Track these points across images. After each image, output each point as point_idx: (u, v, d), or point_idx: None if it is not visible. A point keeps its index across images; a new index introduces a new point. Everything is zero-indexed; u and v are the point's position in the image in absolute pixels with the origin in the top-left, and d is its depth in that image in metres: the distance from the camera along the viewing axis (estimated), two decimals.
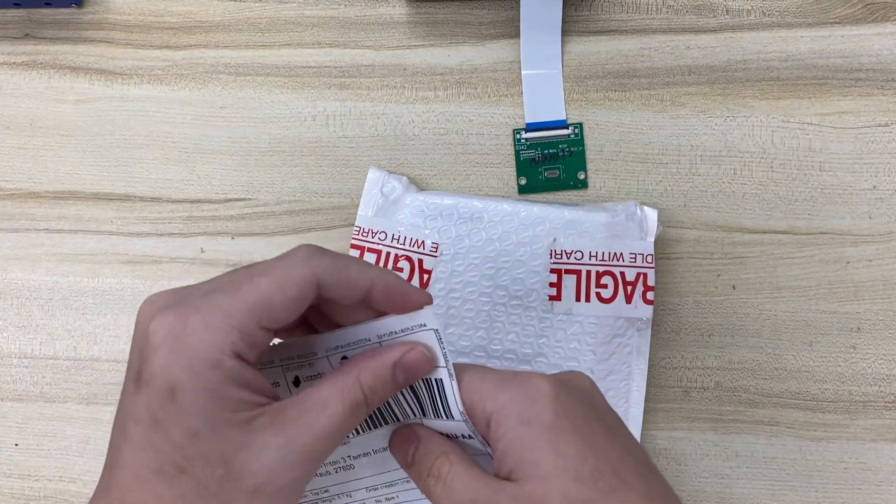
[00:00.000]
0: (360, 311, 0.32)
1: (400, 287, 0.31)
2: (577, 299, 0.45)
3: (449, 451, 0.32)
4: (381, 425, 0.33)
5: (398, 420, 0.33)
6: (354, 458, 0.34)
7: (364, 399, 0.30)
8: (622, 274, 0.45)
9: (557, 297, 0.45)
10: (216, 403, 0.28)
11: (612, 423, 0.32)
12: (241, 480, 0.28)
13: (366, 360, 0.31)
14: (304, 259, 0.30)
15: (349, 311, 0.32)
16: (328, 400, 0.29)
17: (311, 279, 0.29)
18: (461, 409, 0.31)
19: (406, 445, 0.33)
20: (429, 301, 0.32)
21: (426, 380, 0.31)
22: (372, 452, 0.34)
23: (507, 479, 0.30)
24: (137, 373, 0.28)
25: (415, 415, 0.33)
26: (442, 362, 0.31)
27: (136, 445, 0.28)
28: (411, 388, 0.32)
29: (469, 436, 0.32)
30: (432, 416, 0.32)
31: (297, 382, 0.33)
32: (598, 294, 0.45)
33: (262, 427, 0.28)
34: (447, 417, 0.32)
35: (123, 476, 0.28)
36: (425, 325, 0.31)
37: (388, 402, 0.32)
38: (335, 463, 0.34)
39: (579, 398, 0.31)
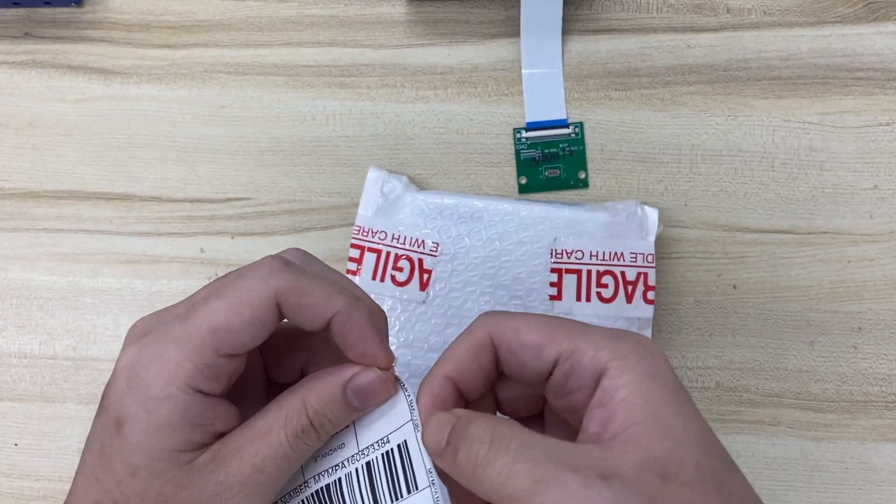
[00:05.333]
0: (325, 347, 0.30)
1: (362, 330, 0.28)
2: (578, 299, 0.45)
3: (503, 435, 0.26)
4: None
5: None
6: None
7: (310, 424, 0.28)
8: (623, 273, 0.45)
9: (558, 297, 0.45)
10: (162, 441, 0.27)
11: None
12: None
13: (314, 381, 0.29)
14: (264, 277, 0.27)
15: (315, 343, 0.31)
16: (271, 427, 0.28)
17: (269, 300, 0.27)
18: (429, 466, 0.27)
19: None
20: (386, 363, 0.29)
21: (385, 454, 0.28)
22: None
23: (611, 438, 0.25)
24: (101, 399, 0.28)
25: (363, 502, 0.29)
26: (406, 413, 0.28)
27: (85, 474, 0.28)
28: (367, 469, 0.29)
29: None
30: (390, 500, 0.28)
31: None
32: (598, 294, 0.45)
33: (204, 464, 0.27)
34: (409, 492, 0.28)
35: None
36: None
37: (329, 492, 0.29)
38: None
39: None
